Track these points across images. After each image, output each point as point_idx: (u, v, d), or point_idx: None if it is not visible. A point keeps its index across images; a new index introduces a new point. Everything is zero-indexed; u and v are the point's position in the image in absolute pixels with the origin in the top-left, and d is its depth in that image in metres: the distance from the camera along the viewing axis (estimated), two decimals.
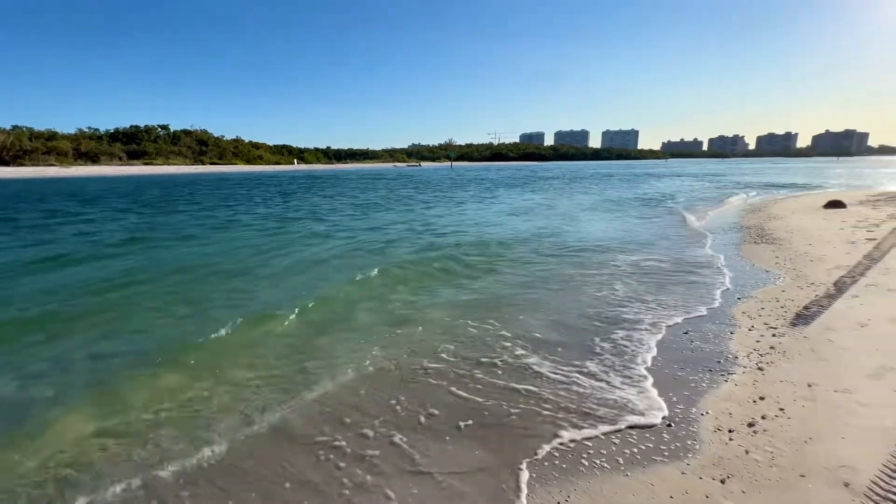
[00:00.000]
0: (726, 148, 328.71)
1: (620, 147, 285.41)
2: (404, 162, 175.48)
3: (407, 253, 10.13)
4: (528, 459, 3.11)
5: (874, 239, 9.44)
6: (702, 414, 3.54)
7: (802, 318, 5.38)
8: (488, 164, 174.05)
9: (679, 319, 5.65)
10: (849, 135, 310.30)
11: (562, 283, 7.45)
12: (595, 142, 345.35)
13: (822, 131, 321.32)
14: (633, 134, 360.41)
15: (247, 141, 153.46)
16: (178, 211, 19.73)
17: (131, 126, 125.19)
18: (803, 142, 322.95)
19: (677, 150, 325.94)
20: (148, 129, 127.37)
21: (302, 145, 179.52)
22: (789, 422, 3.32)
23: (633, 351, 4.78)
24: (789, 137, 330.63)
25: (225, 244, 11.43)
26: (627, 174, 59.12)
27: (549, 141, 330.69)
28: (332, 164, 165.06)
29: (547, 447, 3.22)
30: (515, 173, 66.28)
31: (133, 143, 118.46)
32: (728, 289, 6.83)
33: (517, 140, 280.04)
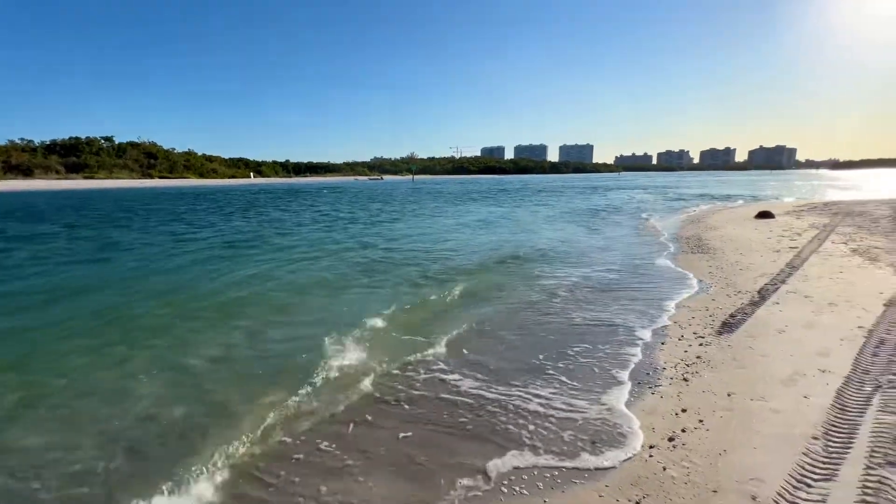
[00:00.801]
0: (673, 162, 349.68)
1: (577, 161, 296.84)
2: (366, 175, 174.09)
3: (351, 268, 9.85)
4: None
5: (796, 247, 10.12)
6: (627, 429, 3.52)
7: (728, 326, 5.58)
8: (450, 177, 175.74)
9: (615, 330, 5.72)
10: (780, 150, 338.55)
11: (507, 295, 7.43)
12: (553, 155, 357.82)
13: (757, 147, 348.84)
14: (589, 148, 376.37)
15: (200, 154, 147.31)
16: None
17: (70, 138, 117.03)
18: (741, 156, 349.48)
19: (629, 164, 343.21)
20: (90, 141, 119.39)
21: (260, 158, 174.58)
22: (707, 434, 3.35)
23: (565, 366, 4.76)
24: (728, 152, 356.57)
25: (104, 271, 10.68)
26: (583, 187, 61.32)
27: (509, 154, 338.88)
28: (291, 177, 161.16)
29: (464, 481, 3.07)
30: (476, 186, 67.16)
31: (72, 155, 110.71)
32: (663, 298, 7.04)
33: (478, 154, 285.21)
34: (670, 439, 3.32)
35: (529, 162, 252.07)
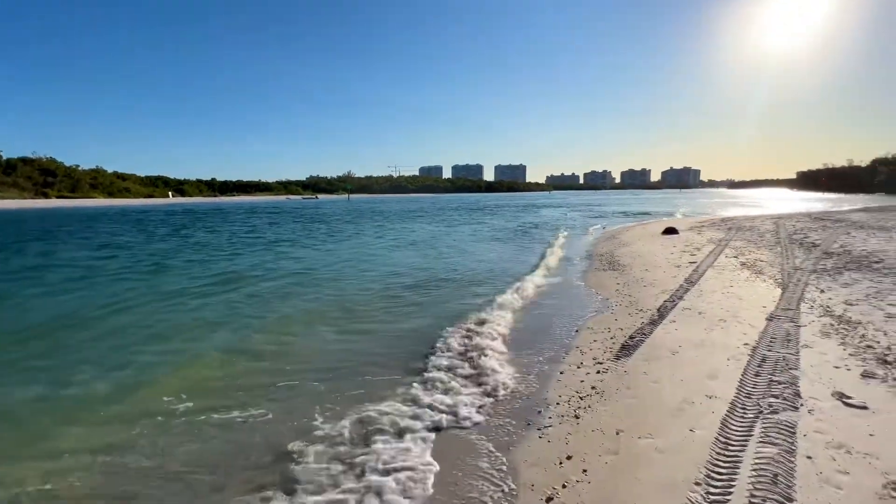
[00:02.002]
0: (598, 181, 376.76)
1: (511, 180, 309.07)
2: (299, 194, 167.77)
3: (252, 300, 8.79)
4: None
5: (695, 262, 10.66)
6: (508, 492, 3.04)
7: (626, 349, 5.43)
8: (388, 196, 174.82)
9: (515, 359, 5.35)
10: (687, 171, 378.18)
11: (410, 317, 6.87)
12: (489, 175, 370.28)
13: (668, 168, 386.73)
14: (522, 168, 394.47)
15: (110, 171, 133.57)
16: None
17: None
18: (655, 176, 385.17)
19: (559, 183, 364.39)
20: None
21: (183, 176, 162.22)
22: (588, 488, 2.95)
23: (448, 404, 4.24)
24: (645, 173, 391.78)
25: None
26: (516, 205, 63.40)
27: (447, 174, 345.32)
28: (217, 196, 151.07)
29: None
30: (413, 205, 66.94)
31: None
32: (568, 318, 6.86)
33: (417, 173, 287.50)
34: (548, 500, 2.88)
35: (466, 181, 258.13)
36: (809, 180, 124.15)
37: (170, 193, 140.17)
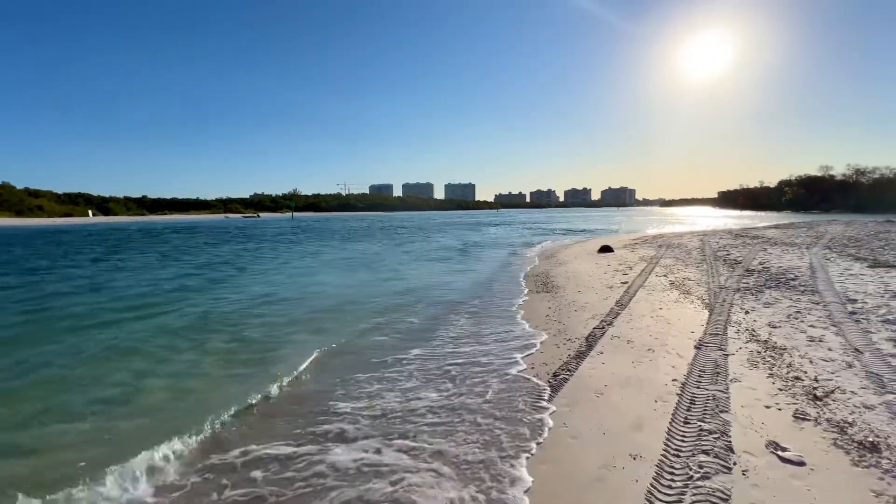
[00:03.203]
0: (543, 200, 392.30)
1: (461, 199, 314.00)
2: (240, 213, 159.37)
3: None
4: None
5: (626, 282, 10.47)
6: None
7: (551, 389, 4.75)
8: (336, 214, 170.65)
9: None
10: (623, 191, 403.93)
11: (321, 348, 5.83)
12: (439, 193, 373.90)
13: (607, 187, 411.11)
14: (471, 187, 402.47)
15: (21, 188, 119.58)
16: None
17: None
18: (595, 195, 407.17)
19: (507, 201, 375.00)
20: None
21: (109, 193, 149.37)
22: None
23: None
24: (586, 192, 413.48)
25: None
26: (464, 223, 63.55)
27: (397, 192, 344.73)
28: (146, 215, 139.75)
29: None
30: (359, 224, 65.10)
31: None
32: (495, 358, 6.14)
33: (366, 191, 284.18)
34: None
35: (417, 199, 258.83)
36: (729, 199, 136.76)
37: (90, 212, 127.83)
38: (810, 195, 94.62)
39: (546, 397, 4.59)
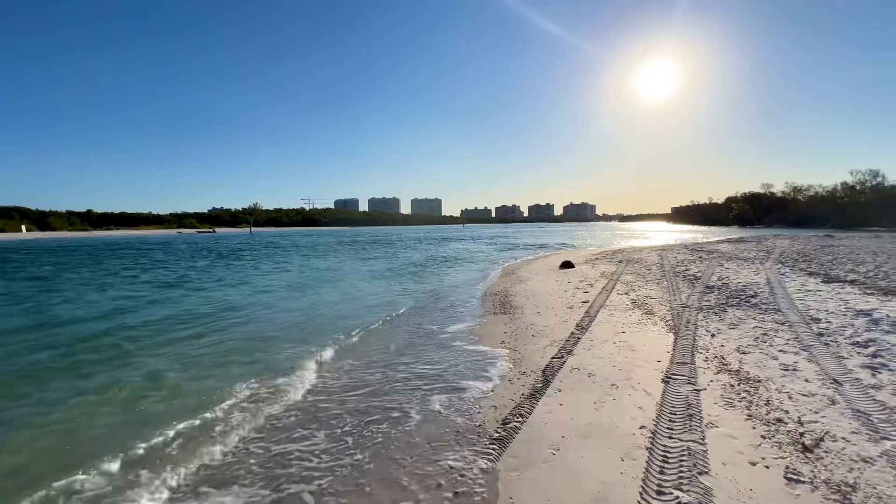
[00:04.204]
0: (508, 215, 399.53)
1: (427, 213, 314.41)
2: (194, 228, 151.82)
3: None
4: None
5: (588, 301, 9.89)
6: None
7: (497, 443, 3.89)
8: (299, 229, 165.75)
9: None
10: (584, 206, 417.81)
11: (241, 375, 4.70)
12: (406, 208, 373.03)
13: (569, 203, 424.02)
14: (438, 202, 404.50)
15: None
16: None
17: None
18: (558, 210, 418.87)
19: (473, 217, 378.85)
20: None
21: (49, 207, 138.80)
22: None
23: None
24: (549, 207, 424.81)
25: None
26: (430, 238, 62.70)
27: (363, 207, 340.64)
28: (89, 231, 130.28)
29: None
30: (321, 239, 62.84)
31: None
32: (434, 384, 5.23)
33: (331, 206, 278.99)
34: None
35: (383, 214, 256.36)
36: (681, 214, 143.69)
37: (23, 227, 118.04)
38: (754, 211, 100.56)
39: (492, 455, 3.72)
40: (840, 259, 14.90)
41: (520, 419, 4.34)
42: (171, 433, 4.42)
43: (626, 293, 10.59)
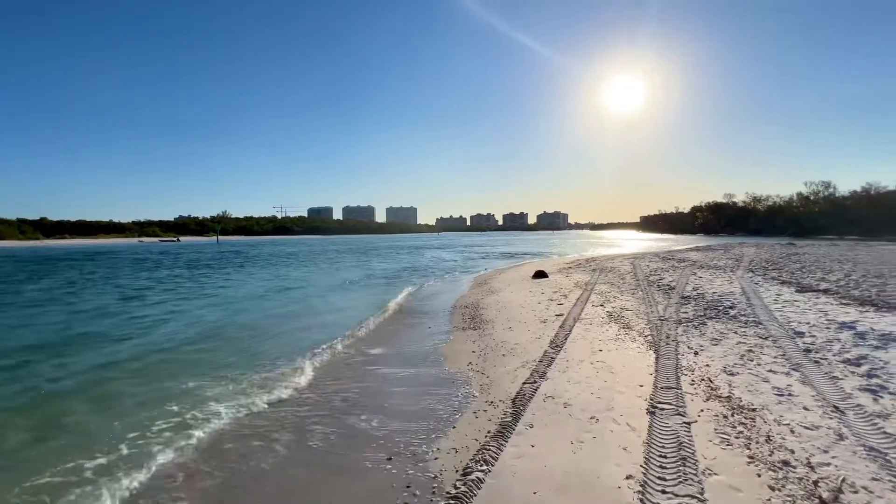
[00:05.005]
0: (483, 223, 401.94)
1: (402, 222, 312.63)
2: (157, 237, 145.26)
3: None
4: None
5: (562, 314, 9.30)
6: None
7: (453, 502, 3.14)
8: (270, 237, 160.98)
9: None
10: (557, 215, 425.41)
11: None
12: (381, 217, 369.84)
13: (542, 212, 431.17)
14: (413, 210, 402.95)
15: None
16: None
17: None
18: (532, 219, 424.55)
19: (448, 225, 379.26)
20: None
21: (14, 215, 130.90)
22: None
23: None
24: (523, 216, 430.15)
25: None
26: (404, 246, 61.70)
27: (337, 215, 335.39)
28: (41, 240, 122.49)
29: None
30: (292, 248, 60.75)
31: None
32: (385, 431, 4.43)
33: (305, 214, 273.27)
34: None
35: (357, 223, 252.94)
36: (650, 223, 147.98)
37: None
38: (718, 220, 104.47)
39: None
40: (808, 267, 14.99)
41: (484, 467, 3.60)
42: None
43: (602, 304, 10.08)
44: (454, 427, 4.45)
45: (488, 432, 4.24)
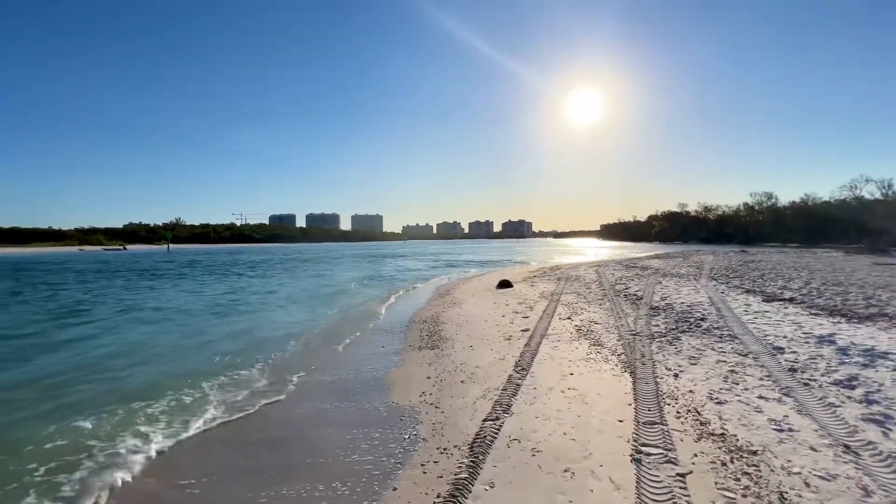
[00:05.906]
0: (449, 231, 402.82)
1: (368, 230, 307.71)
2: (101, 245, 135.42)
3: None
4: None
5: (528, 329, 8.54)
6: None
7: None
8: (227, 246, 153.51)
9: None
10: (521, 223, 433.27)
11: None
12: (346, 224, 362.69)
13: (507, 220, 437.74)
14: (379, 218, 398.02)
15: None
16: None
17: None
18: (497, 227, 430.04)
19: (415, 233, 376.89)
20: None
21: None
22: None
23: None
24: (489, 224, 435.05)
25: None
26: (369, 255, 59.89)
27: (301, 223, 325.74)
28: None
29: None
30: (254, 257, 57.50)
31: None
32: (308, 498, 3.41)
33: (266, 221, 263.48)
34: None
35: (320, 230, 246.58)
36: (610, 231, 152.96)
37: None
38: (672, 228, 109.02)
39: None
40: (768, 275, 15.11)
41: None
42: None
43: (569, 317, 9.43)
44: (394, 489, 3.49)
45: (438, 496, 3.30)
